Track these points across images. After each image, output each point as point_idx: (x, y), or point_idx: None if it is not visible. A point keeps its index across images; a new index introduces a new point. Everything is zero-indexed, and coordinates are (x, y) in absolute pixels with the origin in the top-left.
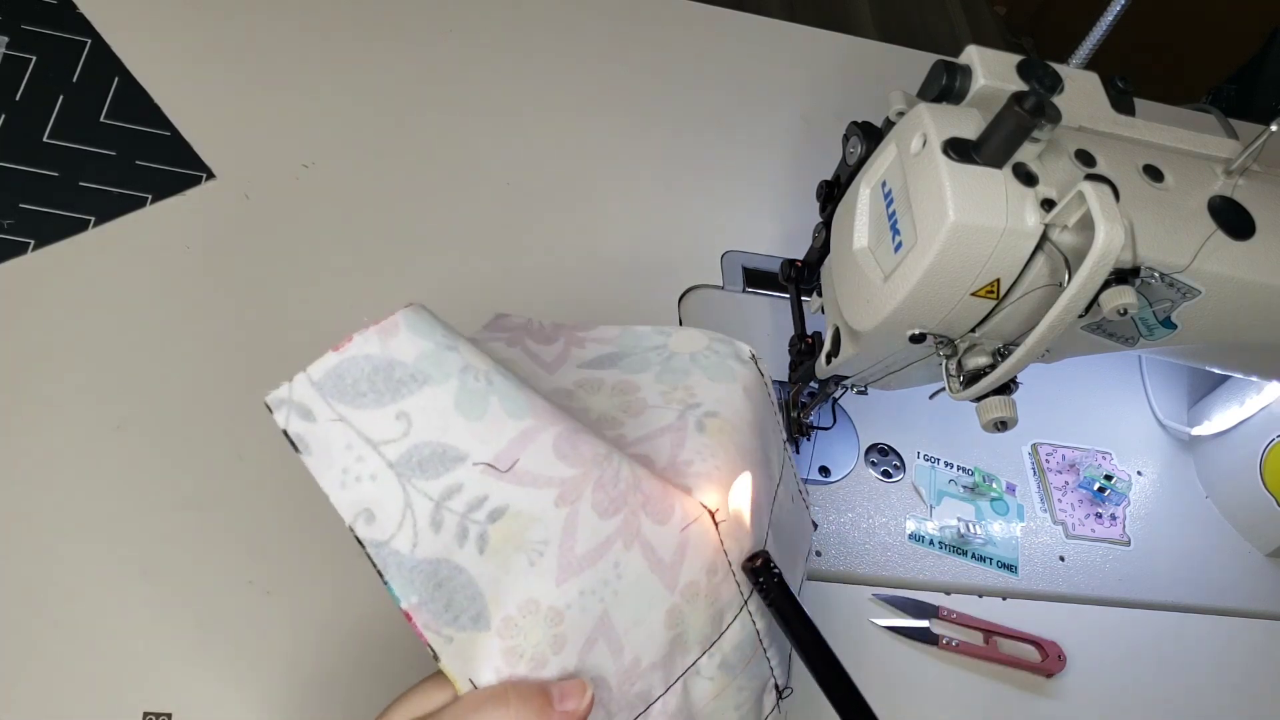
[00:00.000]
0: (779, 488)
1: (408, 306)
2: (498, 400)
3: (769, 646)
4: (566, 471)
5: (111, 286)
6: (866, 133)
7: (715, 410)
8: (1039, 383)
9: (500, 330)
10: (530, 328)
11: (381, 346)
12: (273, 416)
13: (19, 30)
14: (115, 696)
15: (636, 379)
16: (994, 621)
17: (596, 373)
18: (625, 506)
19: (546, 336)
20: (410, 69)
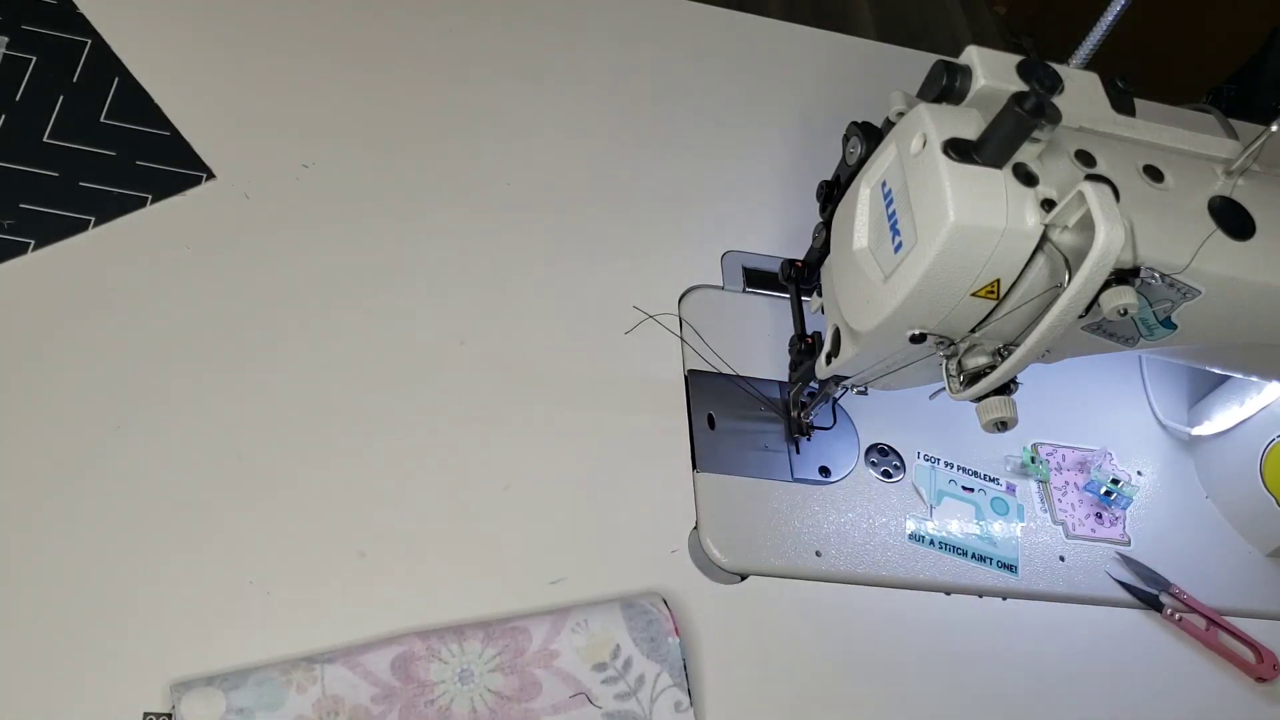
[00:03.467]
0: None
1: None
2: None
3: None
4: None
5: (111, 286)
6: (866, 133)
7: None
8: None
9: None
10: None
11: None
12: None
13: (19, 30)
14: (115, 696)
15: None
16: (1222, 616)
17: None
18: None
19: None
20: (410, 69)
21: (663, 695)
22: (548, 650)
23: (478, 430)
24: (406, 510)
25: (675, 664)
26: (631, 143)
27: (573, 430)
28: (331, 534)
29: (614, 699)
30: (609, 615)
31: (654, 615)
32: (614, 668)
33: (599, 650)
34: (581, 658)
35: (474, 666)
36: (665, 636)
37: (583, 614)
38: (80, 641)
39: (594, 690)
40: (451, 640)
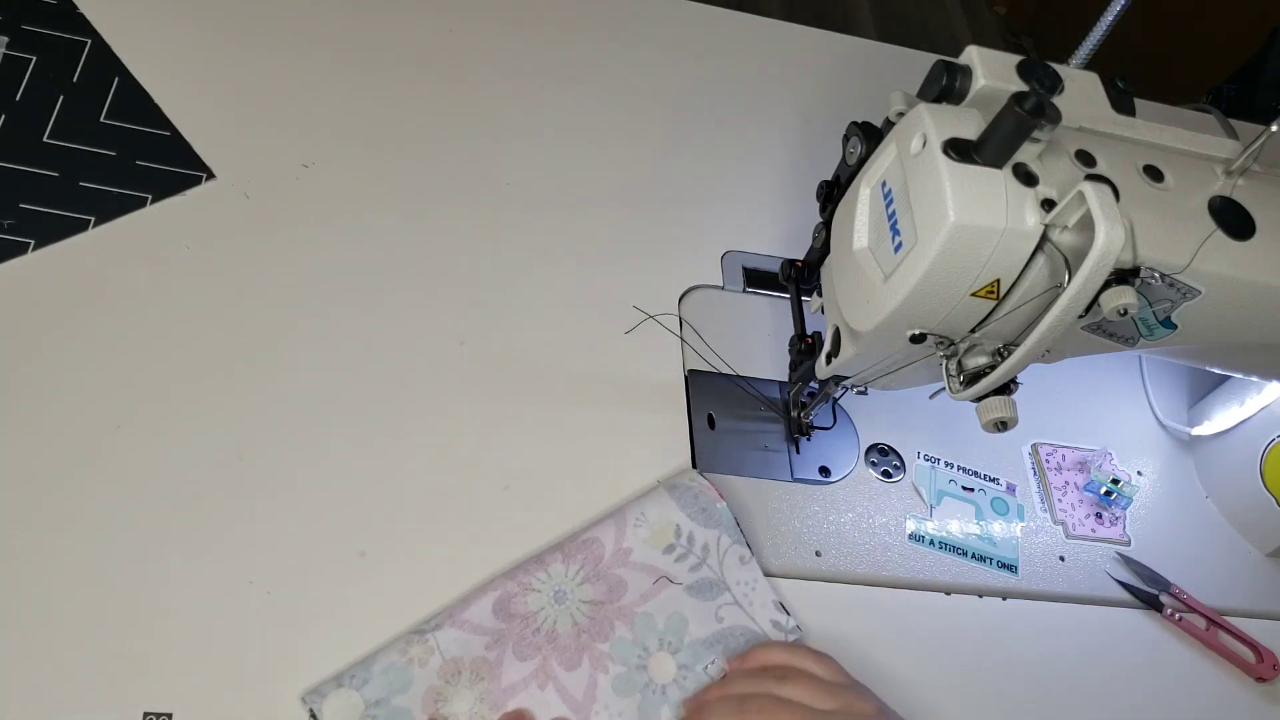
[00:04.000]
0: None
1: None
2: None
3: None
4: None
5: (111, 286)
6: (866, 133)
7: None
8: (1039, 383)
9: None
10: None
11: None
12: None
13: (19, 30)
14: (115, 696)
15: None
16: (1222, 616)
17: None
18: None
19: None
20: (410, 69)
21: (728, 554)
22: (621, 550)
23: (478, 430)
24: (406, 510)
25: (730, 525)
26: (631, 143)
27: (573, 430)
28: (331, 534)
29: (689, 572)
30: (660, 503)
31: (697, 489)
32: (681, 546)
33: (663, 535)
34: (651, 547)
35: (564, 586)
36: (713, 504)
37: (637, 508)
38: (80, 641)
39: (671, 571)
40: (536, 570)
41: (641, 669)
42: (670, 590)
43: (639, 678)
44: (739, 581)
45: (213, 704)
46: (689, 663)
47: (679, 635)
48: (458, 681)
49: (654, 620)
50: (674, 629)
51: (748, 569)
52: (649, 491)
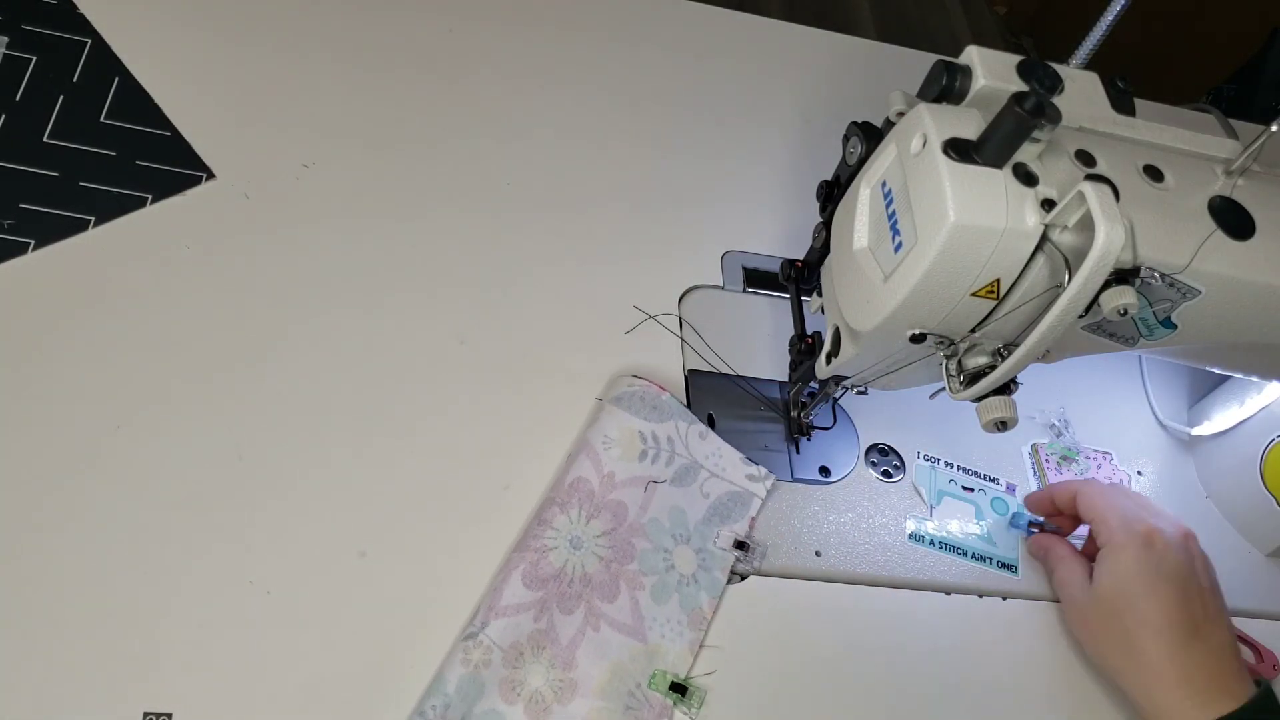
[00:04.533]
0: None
1: None
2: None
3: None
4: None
5: (111, 286)
6: (866, 133)
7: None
8: (1039, 383)
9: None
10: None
11: None
12: None
13: (19, 30)
14: (115, 696)
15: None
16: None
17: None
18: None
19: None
20: (410, 69)
21: (689, 437)
22: (605, 476)
23: (477, 430)
24: (406, 510)
25: (679, 409)
26: (631, 143)
27: (573, 430)
28: (331, 534)
29: (666, 467)
30: (616, 418)
31: (639, 391)
32: (650, 447)
33: (632, 446)
34: (626, 460)
35: (575, 531)
36: (659, 398)
37: (599, 432)
38: (80, 641)
39: (652, 473)
40: (543, 530)
41: (670, 569)
42: (659, 490)
43: (670, 578)
44: (707, 455)
45: (213, 704)
46: (701, 544)
47: (684, 524)
48: (523, 662)
49: (660, 521)
50: (678, 521)
51: (708, 441)
52: (598, 412)
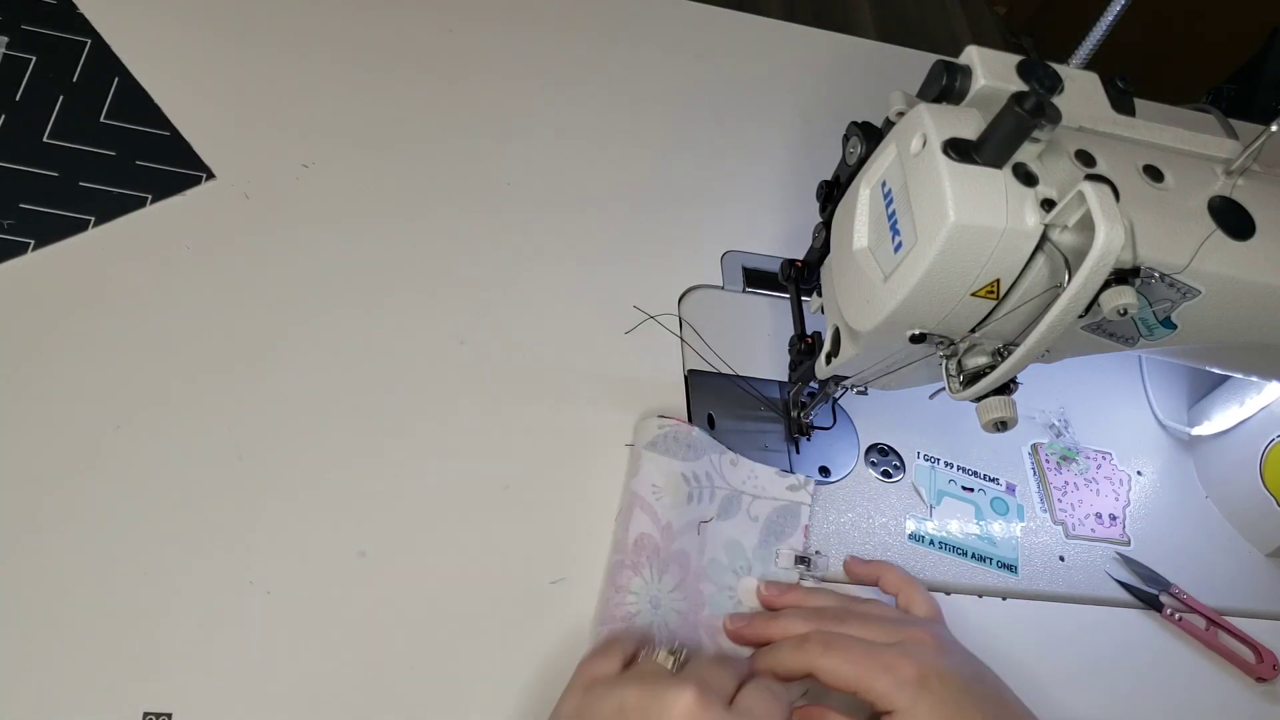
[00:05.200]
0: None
1: None
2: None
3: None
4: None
5: (111, 286)
6: (866, 133)
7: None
8: (1040, 383)
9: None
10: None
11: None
12: None
13: (19, 30)
14: (115, 696)
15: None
16: (1221, 616)
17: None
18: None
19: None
20: (410, 69)
21: (723, 467)
22: (664, 528)
23: (477, 430)
24: (406, 510)
25: (708, 443)
26: (631, 143)
27: (573, 430)
28: (331, 534)
29: (711, 503)
30: (657, 465)
31: (670, 432)
32: (693, 487)
33: (679, 491)
34: (676, 505)
35: (652, 590)
36: (689, 435)
37: (646, 482)
38: (80, 641)
39: (701, 512)
40: (622, 597)
41: (739, 605)
42: (710, 528)
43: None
44: (744, 480)
45: (213, 704)
46: (764, 569)
47: (742, 555)
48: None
49: (719, 560)
50: (735, 554)
51: (740, 467)
52: (638, 462)
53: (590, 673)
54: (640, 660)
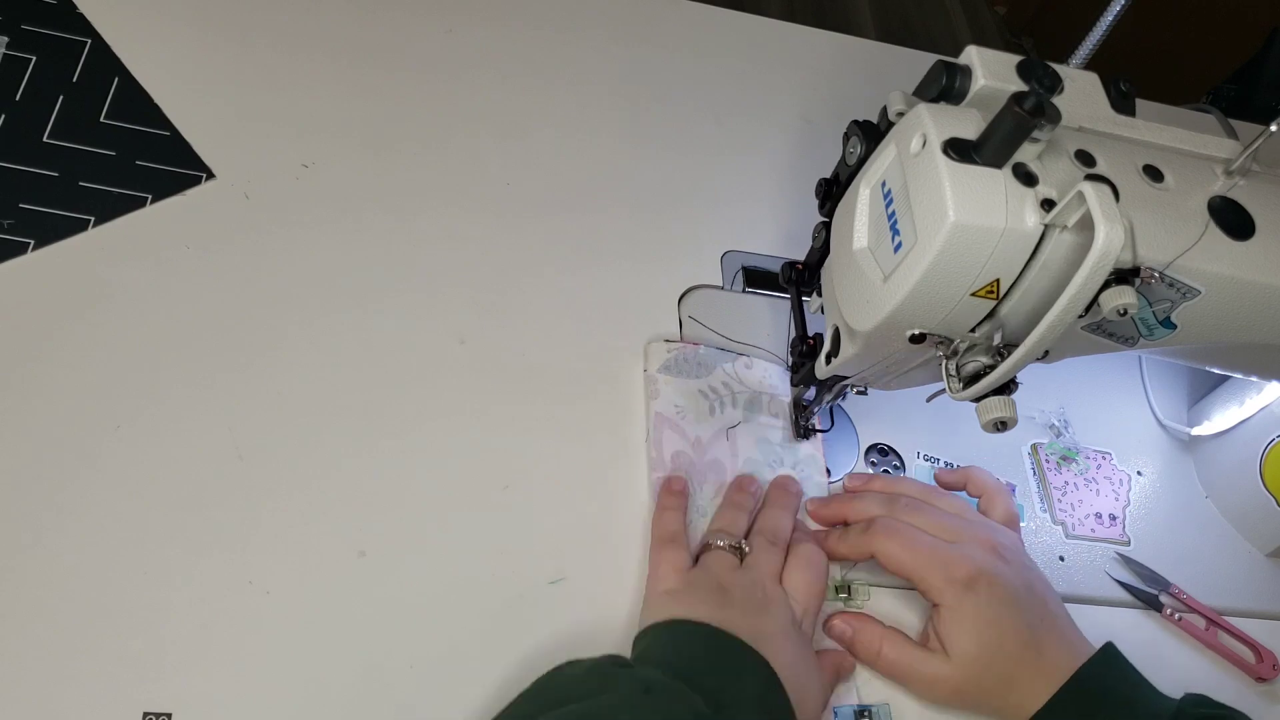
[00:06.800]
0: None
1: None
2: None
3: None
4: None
5: (111, 286)
6: (866, 133)
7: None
8: (1040, 383)
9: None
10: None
11: None
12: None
13: (19, 30)
14: (115, 696)
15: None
16: (1221, 616)
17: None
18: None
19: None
20: (410, 69)
21: (739, 373)
22: (695, 443)
23: (477, 429)
24: (406, 510)
25: (720, 355)
26: (631, 143)
27: (573, 430)
28: (331, 534)
29: (735, 409)
30: (676, 387)
31: (679, 353)
32: (713, 400)
33: (700, 406)
34: (700, 421)
35: (698, 502)
36: (697, 352)
37: (667, 404)
38: (80, 641)
39: (726, 420)
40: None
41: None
42: (738, 432)
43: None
44: (760, 380)
45: (213, 704)
46: (793, 460)
47: (773, 451)
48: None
49: (754, 459)
50: (768, 451)
51: (755, 368)
52: (656, 387)
53: (673, 562)
54: (709, 547)
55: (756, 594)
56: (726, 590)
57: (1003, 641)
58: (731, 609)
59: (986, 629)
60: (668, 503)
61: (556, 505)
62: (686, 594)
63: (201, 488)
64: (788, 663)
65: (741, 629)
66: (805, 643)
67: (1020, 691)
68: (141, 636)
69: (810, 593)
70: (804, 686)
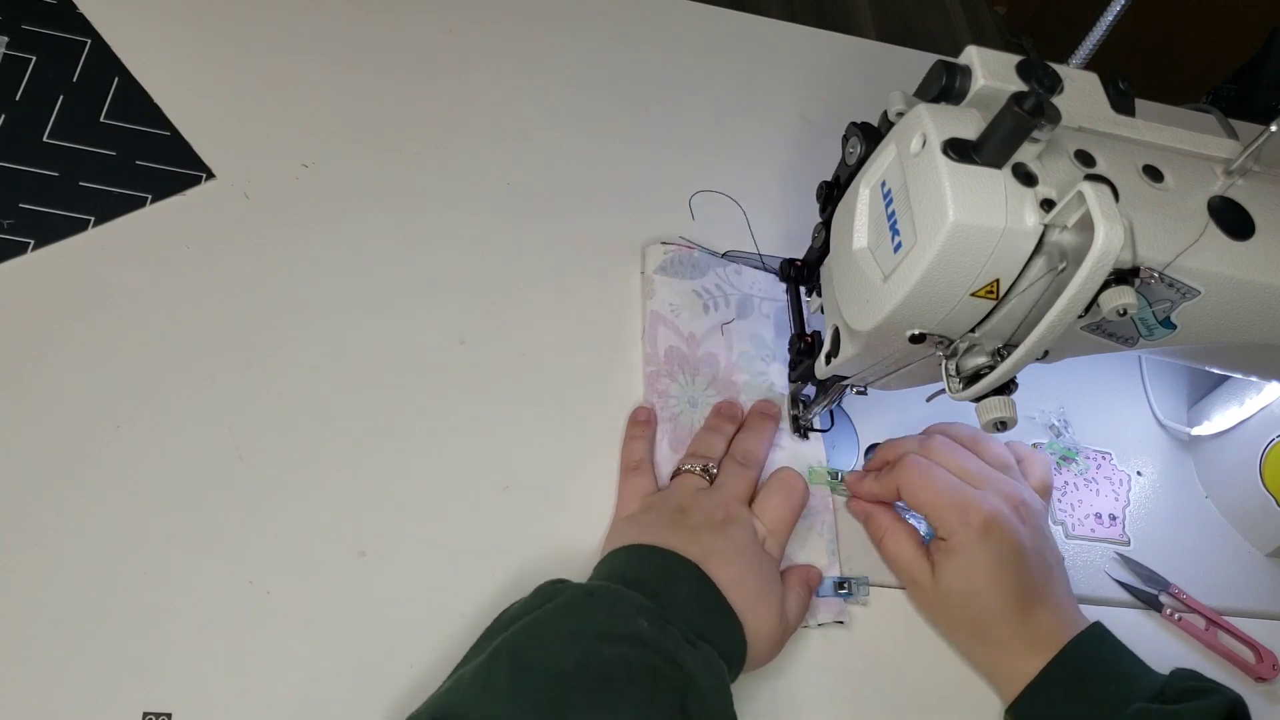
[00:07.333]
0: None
1: None
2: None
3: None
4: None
5: (111, 286)
6: (866, 133)
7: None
8: (1040, 383)
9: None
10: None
11: None
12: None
13: (19, 30)
14: (115, 696)
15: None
16: (1221, 616)
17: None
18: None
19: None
20: (410, 69)
21: (730, 276)
22: (689, 337)
23: (477, 430)
24: (406, 510)
25: (714, 260)
26: (631, 143)
27: (573, 430)
28: (331, 534)
29: (729, 308)
30: (671, 286)
31: (674, 254)
32: (707, 298)
33: (694, 304)
34: (696, 316)
35: (689, 392)
36: (690, 255)
37: (664, 303)
38: (80, 642)
39: (722, 316)
40: (664, 399)
41: (770, 387)
42: (732, 328)
43: (774, 394)
44: (750, 285)
45: (213, 704)
46: (784, 360)
47: (766, 345)
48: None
49: (748, 352)
50: (761, 345)
51: (744, 275)
52: (652, 286)
53: (636, 489)
54: (680, 472)
55: (717, 514)
56: (685, 511)
57: (991, 590)
58: (683, 530)
59: (979, 573)
60: (634, 433)
61: (557, 505)
62: (643, 517)
63: (201, 488)
64: (733, 576)
65: (689, 548)
66: (765, 559)
67: (1000, 648)
68: (141, 636)
69: (778, 516)
70: (757, 597)
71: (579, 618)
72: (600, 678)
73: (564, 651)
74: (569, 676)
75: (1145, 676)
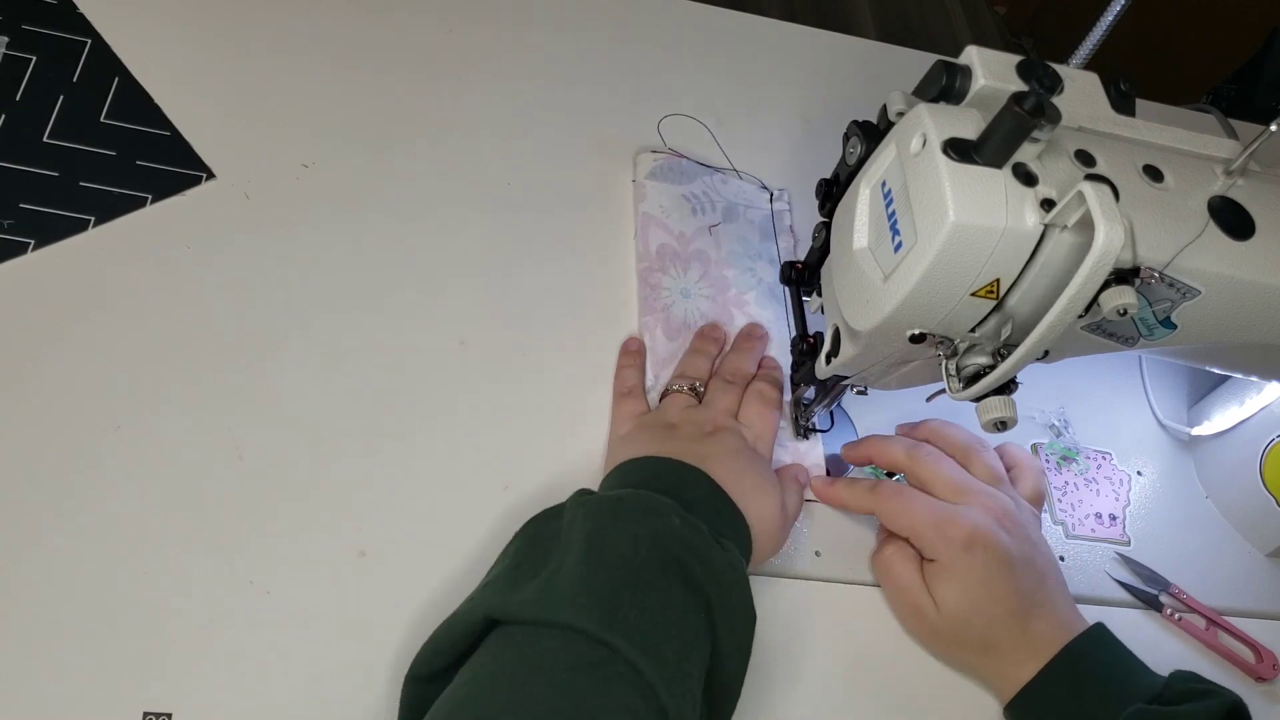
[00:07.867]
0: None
1: None
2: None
3: None
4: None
5: (111, 286)
6: (866, 133)
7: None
8: (1040, 383)
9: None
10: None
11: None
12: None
13: (19, 30)
14: (115, 697)
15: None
16: (1221, 616)
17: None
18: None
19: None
20: (410, 69)
21: (716, 185)
22: (679, 236)
23: (477, 429)
24: (406, 510)
25: (700, 169)
26: (631, 143)
27: (573, 430)
28: (331, 534)
29: (715, 213)
30: (662, 191)
31: (663, 161)
32: (695, 202)
33: (682, 208)
34: (685, 218)
35: (681, 284)
36: (679, 162)
37: (653, 205)
38: (80, 641)
39: (709, 220)
40: (656, 292)
41: (760, 281)
42: (720, 229)
43: (763, 287)
44: (736, 194)
45: (213, 704)
46: (768, 259)
47: (753, 246)
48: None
49: (735, 250)
50: (748, 245)
51: (730, 184)
52: (643, 191)
53: (629, 411)
54: (669, 393)
55: (706, 427)
56: (675, 426)
57: (988, 604)
58: (675, 441)
59: (974, 587)
60: (625, 361)
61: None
62: (636, 434)
63: (201, 488)
64: (732, 474)
65: (685, 456)
66: (758, 458)
67: (1002, 658)
68: (141, 636)
69: (763, 422)
70: (757, 490)
71: (634, 520)
72: (655, 568)
73: (633, 541)
74: (629, 562)
75: (1144, 678)
